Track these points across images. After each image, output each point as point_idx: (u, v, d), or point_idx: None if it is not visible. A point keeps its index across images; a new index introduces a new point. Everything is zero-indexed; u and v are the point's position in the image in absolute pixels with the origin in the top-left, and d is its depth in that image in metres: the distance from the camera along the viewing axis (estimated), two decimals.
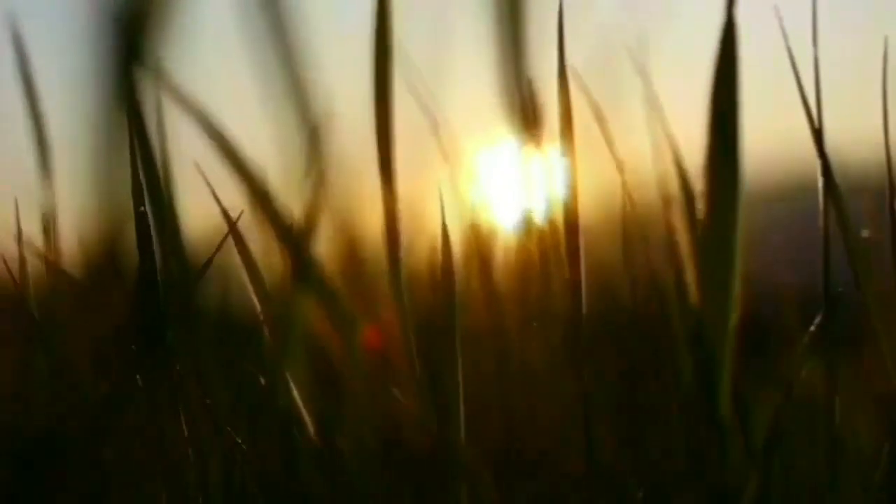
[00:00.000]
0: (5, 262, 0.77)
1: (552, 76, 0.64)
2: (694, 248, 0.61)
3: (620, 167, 0.66)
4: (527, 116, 0.61)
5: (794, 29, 0.66)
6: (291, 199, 0.61)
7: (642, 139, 0.65)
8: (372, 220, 0.65)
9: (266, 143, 0.58)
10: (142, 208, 0.64)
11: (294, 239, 0.61)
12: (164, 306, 0.68)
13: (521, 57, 0.57)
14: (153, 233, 0.67)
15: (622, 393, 0.70)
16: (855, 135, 0.76)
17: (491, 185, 0.69)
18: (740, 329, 0.63)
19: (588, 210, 0.65)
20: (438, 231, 0.70)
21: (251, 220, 0.68)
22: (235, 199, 0.68)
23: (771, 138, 0.70)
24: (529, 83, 0.60)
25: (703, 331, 0.61)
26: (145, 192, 0.66)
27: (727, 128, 0.58)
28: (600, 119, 0.65)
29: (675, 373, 0.65)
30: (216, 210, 0.70)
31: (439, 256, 0.70)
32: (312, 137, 0.56)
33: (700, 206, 0.60)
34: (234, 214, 0.70)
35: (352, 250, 0.62)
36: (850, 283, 0.68)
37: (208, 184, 0.69)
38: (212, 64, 0.60)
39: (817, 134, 0.68)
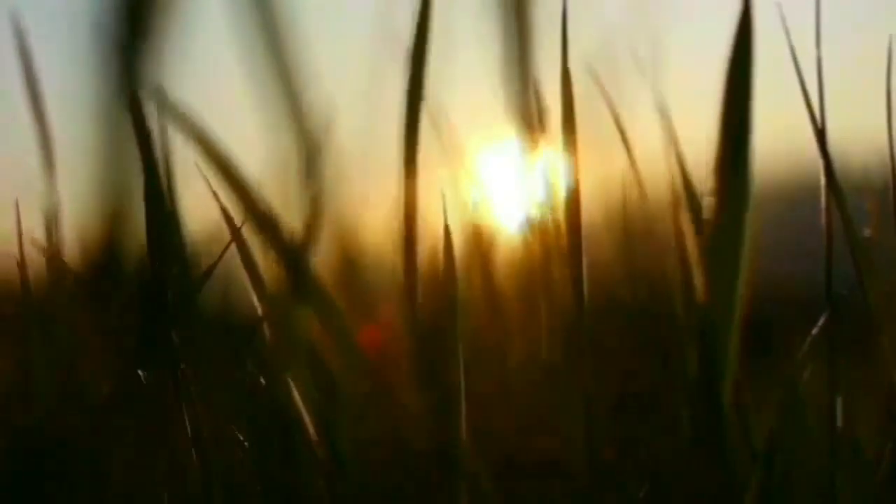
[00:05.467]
0: (16, 262, 0.77)
1: (556, 76, 0.64)
2: (700, 246, 0.61)
3: (633, 164, 0.66)
4: (530, 116, 0.61)
5: (798, 28, 0.66)
6: (288, 210, 0.60)
7: (649, 138, 0.65)
8: (369, 229, 0.66)
9: (263, 152, 0.58)
10: (152, 210, 0.64)
11: (290, 251, 0.61)
12: (167, 307, 0.68)
13: (526, 56, 0.57)
14: (156, 234, 0.67)
15: (625, 390, 0.70)
16: (858, 134, 0.76)
17: (494, 185, 0.69)
18: (744, 327, 0.63)
19: (591, 209, 0.65)
20: (441, 230, 0.70)
21: (250, 227, 0.68)
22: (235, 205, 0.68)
23: (773, 137, 0.70)
24: (534, 83, 0.60)
25: (708, 328, 0.61)
26: (148, 194, 0.66)
27: (739, 125, 0.58)
28: (614, 116, 0.65)
29: (678, 370, 0.65)
30: (218, 211, 0.70)
31: (442, 256, 0.70)
32: (310, 147, 0.56)
33: (707, 204, 0.60)
34: (235, 218, 0.70)
35: (349, 258, 0.63)
36: (852, 283, 0.68)
37: (210, 186, 0.69)
38: (209, 74, 0.60)
39: (820, 133, 0.68)
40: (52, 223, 0.77)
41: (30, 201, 0.78)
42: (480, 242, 0.70)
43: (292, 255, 0.60)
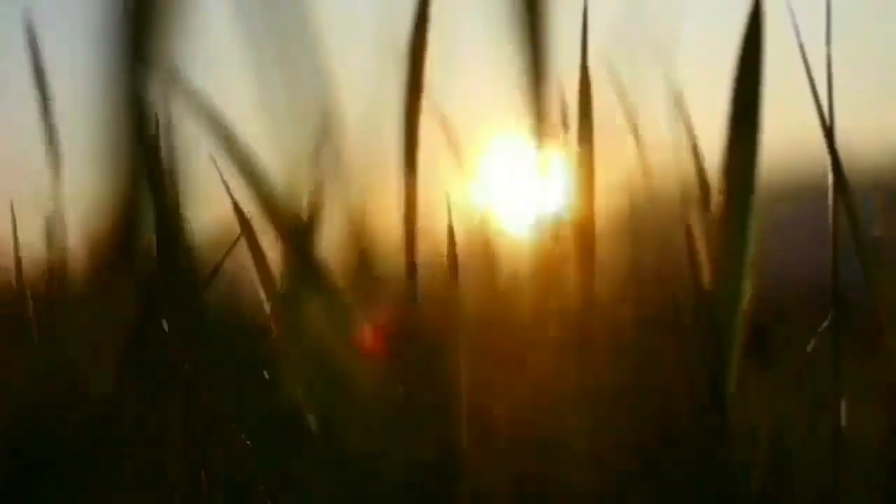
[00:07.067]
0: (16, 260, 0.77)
1: (572, 71, 0.63)
2: (708, 239, 0.62)
3: (640, 161, 0.66)
4: (545, 113, 0.61)
5: (807, 26, 0.66)
6: (297, 198, 0.60)
7: (663, 133, 0.65)
8: (377, 220, 0.65)
9: (272, 141, 0.57)
10: (161, 205, 0.64)
11: (298, 238, 0.60)
12: (172, 304, 0.68)
13: (542, 52, 0.57)
14: (160, 229, 0.66)
15: (630, 387, 0.70)
16: (866, 133, 0.76)
17: (502, 184, 0.69)
18: (750, 324, 0.63)
19: (605, 205, 0.65)
20: (445, 231, 0.70)
21: (260, 218, 0.68)
22: (245, 196, 0.68)
23: (781, 135, 0.70)
24: (550, 79, 0.60)
25: (714, 321, 0.62)
26: (154, 190, 0.65)
27: (748, 118, 0.58)
28: (628, 111, 0.65)
29: (684, 366, 0.66)
30: (227, 207, 0.70)
31: (446, 256, 0.70)
32: (318, 137, 0.56)
33: (717, 197, 0.61)
34: (245, 210, 0.70)
35: (358, 250, 0.62)
36: (859, 281, 0.69)
37: (223, 180, 0.69)
38: (218, 62, 0.59)
39: (828, 131, 0.68)
40: (54, 223, 0.76)
41: (30, 201, 0.78)
42: (486, 242, 0.70)
43: (301, 244, 0.60)
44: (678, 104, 0.65)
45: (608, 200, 0.66)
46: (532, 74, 0.56)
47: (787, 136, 0.78)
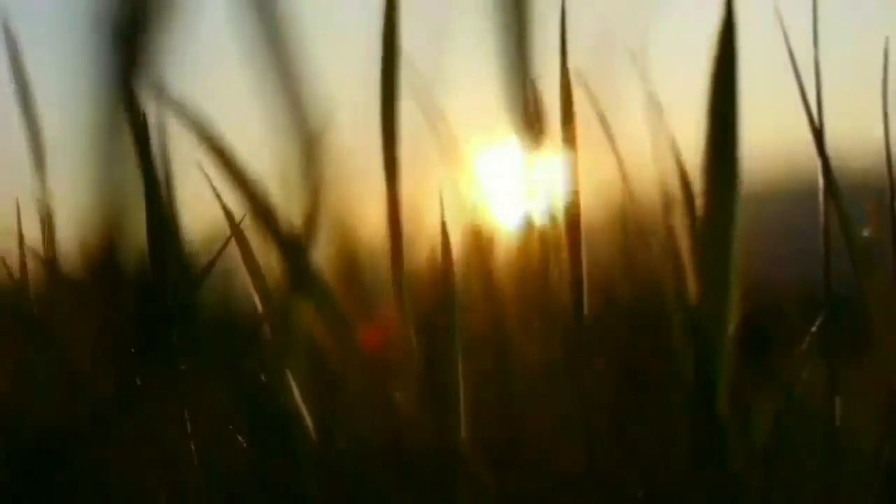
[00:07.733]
0: (4, 262, 0.77)
1: (555, 77, 0.64)
2: (693, 246, 0.61)
3: (621, 166, 0.66)
4: (529, 117, 0.61)
5: (795, 29, 0.66)
6: (290, 204, 0.61)
7: (643, 139, 0.65)
8: (371, 224, 0.66)
9: (264, 147, 0.58)
10: (150, 208, 0.64)
11: (291, 245, 0.61)
12: (168, 306, 0.68)
13: (525, 57, 0.57)
14: (155, 234, 0.67)
15: (622, 391, 0.70)
16: (856, 135, 0.76)
17: (492, 186, 0.69)
18: (740, 328, 0.63)
19: (589, 209, 0.65)
20: (438, 231, 0.70)
21: (252, 222, 0.68)
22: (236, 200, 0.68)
23: (771, 138, 0.70)
24: (533, 84, 0.60)
25: (701, 328, 0.61)
26: (146, 192, 0.66)
27: (726, 124, 0.58)
28: (602, 118, 0.65)
29: (674, 371, 0.65)
30: (219, 211, 0.70)
31: (439, 256, 0.70)
32: (311, 141, 0.56)
33: (699, 204, 0.60)
34: (236, 214, 0.70)
35: (350, 253, 0.63)
36: (851, 283, 0.68)
37: (210, 182, 0.69)
38: (210, 69, 0.60)
39: (818, 134, 0.68)
40: (47, 225, 0.77)
41: (28, 202, 0.78)
42: (478, 241, 0.70)
43: (293, 249, 0.60)
44: (656, 109, 0.65)
45: (595, 203, 0.66)
46: (514, 76, 0.56)
47: (777, 138, 0.78)
